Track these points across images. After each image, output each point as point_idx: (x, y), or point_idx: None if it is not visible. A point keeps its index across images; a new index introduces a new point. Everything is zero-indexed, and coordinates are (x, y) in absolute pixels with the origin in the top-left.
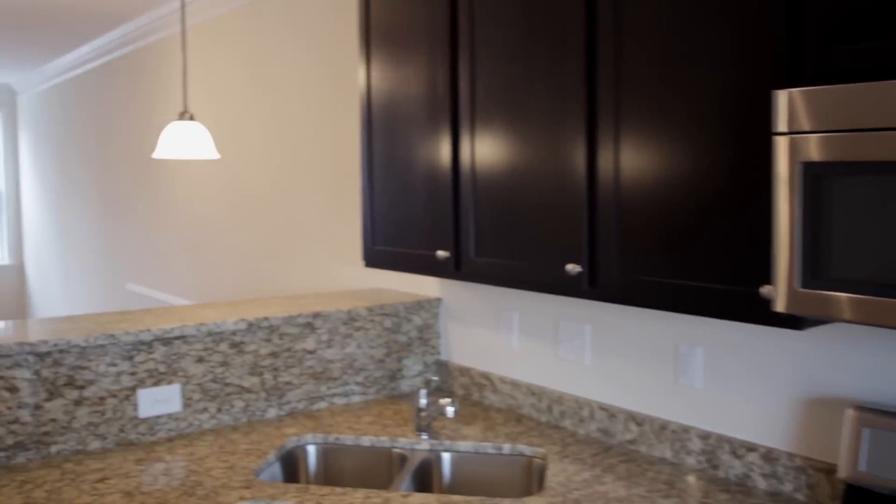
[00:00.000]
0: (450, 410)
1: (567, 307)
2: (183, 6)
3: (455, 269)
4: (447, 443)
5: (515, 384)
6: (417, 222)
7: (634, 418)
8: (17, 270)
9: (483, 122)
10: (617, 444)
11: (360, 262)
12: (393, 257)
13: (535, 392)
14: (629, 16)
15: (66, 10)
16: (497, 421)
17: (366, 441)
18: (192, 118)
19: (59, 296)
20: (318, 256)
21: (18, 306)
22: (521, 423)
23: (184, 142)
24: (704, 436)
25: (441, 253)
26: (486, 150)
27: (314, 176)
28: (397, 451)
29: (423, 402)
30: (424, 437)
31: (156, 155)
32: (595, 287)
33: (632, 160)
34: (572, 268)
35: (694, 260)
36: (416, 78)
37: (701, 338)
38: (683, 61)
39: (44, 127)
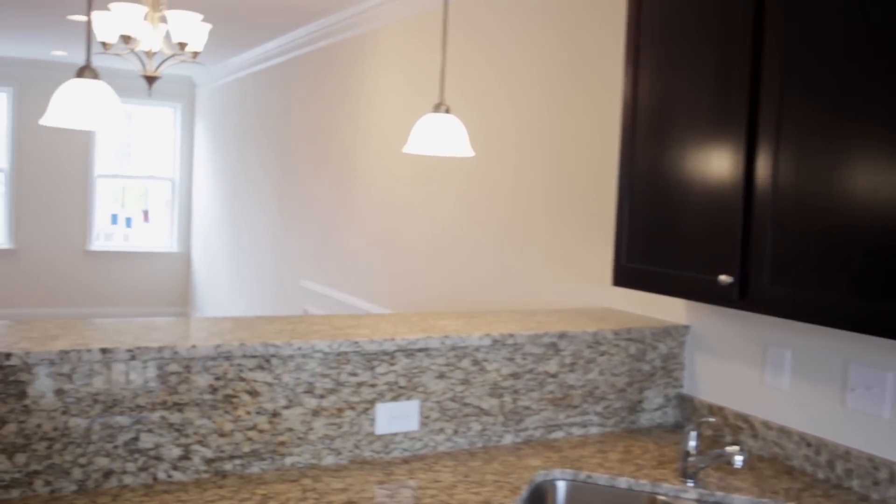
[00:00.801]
0: (738, 460)
1: (860, 348)
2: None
3: (739, 298)
4: (719, 494)
5: (784, 431)
6: (690, 241)
7: None
8: (184, 258)
9: (794, 131)
10: None
11: (581, 277)
12: (652, 277)
13: (810, 443)
14: None
15: (259, 7)
16: (765, 473)
17: (622, 483)
18: (447, 111)
19: (225, 286)
20: (534, 268)
21: (183, 294)
22: (794, 477)
23: (438, 136)
24: None
25: (724, 278)
26: (796, 162)
27: (538, 182)
28: (661, 498)
29: (692, 444)
30: (691, 484)
31: (407, 149)
32: None
33: None
34: None
35: None
36: (700, 82)
37: None
38: None
39: (221, 119)
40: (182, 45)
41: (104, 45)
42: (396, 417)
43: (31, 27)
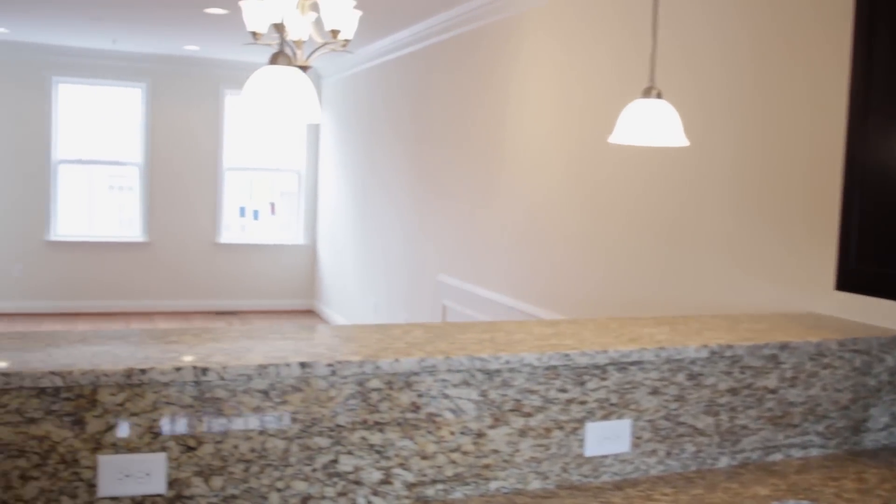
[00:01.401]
0: None
1: None
2: None
3: None
4: None
5: None
6: None
7: None
8: (310, 250)
9: None
10: None
11: (772, 277)
12: (892, 283)
13: None
14: None
15: None
16: None
17: None
18: (659, 95)
19: (353, 278)
20: (713, 267)
21: (309, 286)
22: None
23: (650, 124)
24: None
25: None
26: None
27: (722, 171)
28: None
29: None
30: None
31: (613, 139)
32: None
33: None
34: None
35: None
36: None
37: None
38: None
39: (347, 110)
40: (335, 33)
41: (254, 35)
42: (607, 438)
43: (165, 22)
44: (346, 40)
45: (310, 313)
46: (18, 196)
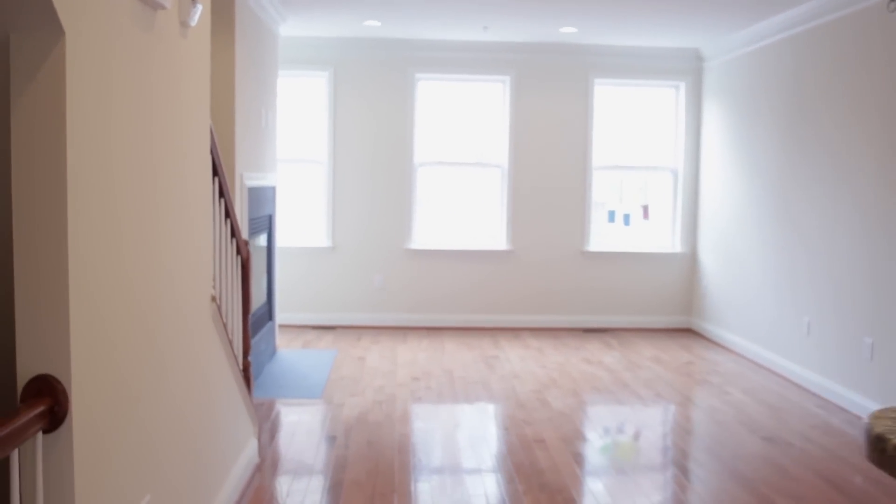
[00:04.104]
0: None
1: None
2: None
3: None
4: None
5: None
6: None
7: None
8: (688, 260)
9: None
10: None
11: None
12: None
13: None
14: None
15: None
16: None
17: None
18: None
19: (763, 293)
20: None
21: (686, 301)
22: None
23: None
24: None
25: None
26: None
27: None
28: None
29: None
30: None
31: None
32: None
33: None
34: None
35: None
36: None
37: None
38: None
39: (744, 96)
40: None
41: None
42: None
43: (533, 9)
44: None
45: (688, 332)
46: (380, 201)
